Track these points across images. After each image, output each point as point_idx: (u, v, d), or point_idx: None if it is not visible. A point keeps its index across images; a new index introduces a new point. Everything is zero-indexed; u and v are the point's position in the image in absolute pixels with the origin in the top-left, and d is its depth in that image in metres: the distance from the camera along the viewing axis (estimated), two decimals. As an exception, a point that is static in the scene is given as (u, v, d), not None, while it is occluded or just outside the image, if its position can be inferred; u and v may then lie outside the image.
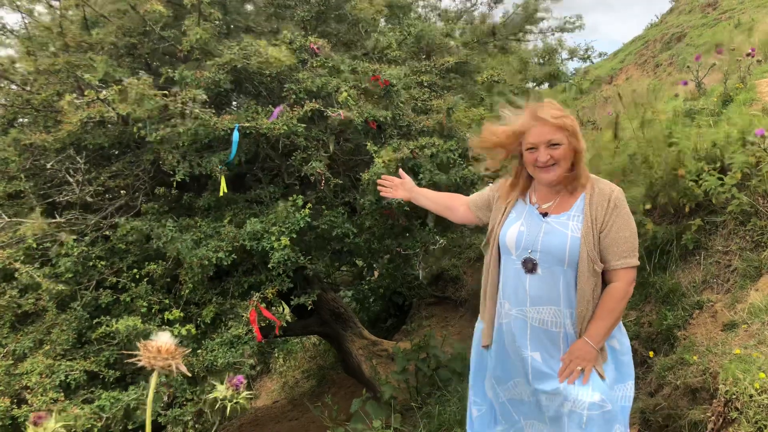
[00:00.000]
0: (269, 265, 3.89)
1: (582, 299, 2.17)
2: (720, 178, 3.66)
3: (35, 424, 1.15)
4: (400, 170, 2.86)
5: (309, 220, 4.06)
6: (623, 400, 2.28)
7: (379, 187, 2.82)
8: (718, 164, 3.82)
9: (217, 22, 4.80)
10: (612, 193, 2.19)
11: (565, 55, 6.90)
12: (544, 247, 2.20)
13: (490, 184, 2.61)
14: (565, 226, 2.19)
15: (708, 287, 3.60)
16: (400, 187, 2.76)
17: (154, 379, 1.22)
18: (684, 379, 3.09)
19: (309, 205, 4.11)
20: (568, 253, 2.16)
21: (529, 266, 2.23)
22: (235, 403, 1.36)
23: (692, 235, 3.78)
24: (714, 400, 2.82)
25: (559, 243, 2.17)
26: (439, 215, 2.82)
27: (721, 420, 2.71)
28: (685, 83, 6.31)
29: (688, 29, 12.87)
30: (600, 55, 7.22)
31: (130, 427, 3.67)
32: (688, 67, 7.27)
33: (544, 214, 2.26)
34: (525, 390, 2.41)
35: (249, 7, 5.60)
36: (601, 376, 2.20)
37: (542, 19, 7.05)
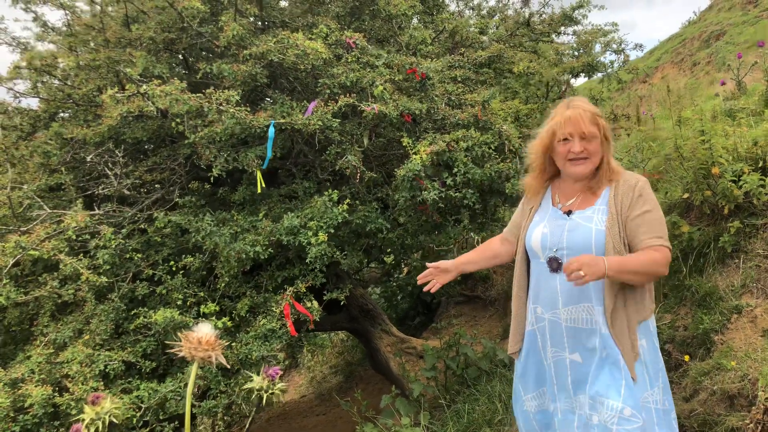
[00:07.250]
0: (307, 260, 3.91)
1: (610, 292, 2.13)
2: (761, 178, 3.56)
3: (93, 403, 1.17)
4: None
5: (347, 215, 4.07)
6: (659, 403, 2.23)
7: (420, 281, 2.65)
8: (760, 164, 3.72)
9: (252, 18, 4.85)
10: (637, 183, 2.18)
11: (598, 47, 6.81)
12: (569, 244, 2.18)
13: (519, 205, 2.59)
14: (589, 220, 2.18)
15: (747, 291, 3.51)
16: (441, 274, 2.60)
17: (194, 370, 1.23)
18: (721, 384, 3.03)
19: (347, 201, 4.12)
20: (594, 246, 2.14)
21: (554, 265, 2.22)
22: (271, 393, 1.36)
23: (731, 238, 3.68)
24: (753, 407, 2.76)
25: (583, 238, 2.16)
26: (490, 266, 2.73)
27: (759, 427, 2.66)
28: (723, 83, 6.16)
29: (728, 27, 12.57)
30: (636, 46, 7.09)
31: (161, 417, 3.73)
32: (728, 65, 7.09)
33: (568, 212, 2.24)
34: (550, 401, 2.39)
35: (284, 3, 5.64)
36: (633, 377, 2.16)
37: (578, 22, 6.99)
